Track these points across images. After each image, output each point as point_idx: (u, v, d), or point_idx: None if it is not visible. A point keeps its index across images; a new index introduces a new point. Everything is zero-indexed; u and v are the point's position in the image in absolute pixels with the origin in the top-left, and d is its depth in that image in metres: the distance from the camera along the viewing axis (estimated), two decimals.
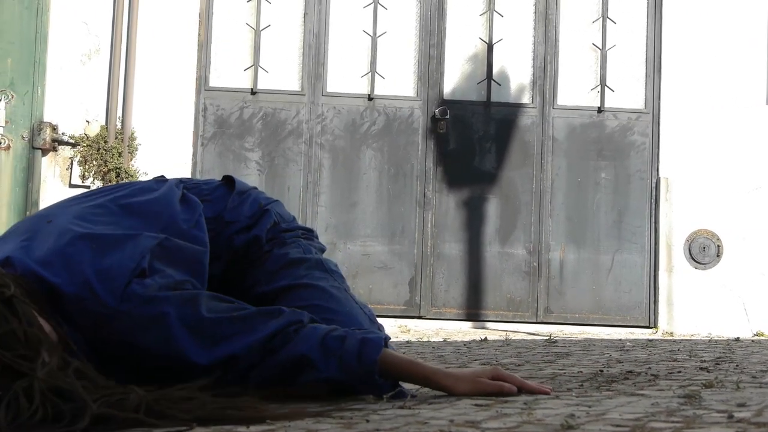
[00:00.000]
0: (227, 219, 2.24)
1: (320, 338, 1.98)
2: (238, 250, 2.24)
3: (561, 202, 6.69)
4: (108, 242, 1.94)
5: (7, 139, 6.27)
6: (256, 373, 1.97)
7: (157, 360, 1.94)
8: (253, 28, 6.65)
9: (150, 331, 1.90)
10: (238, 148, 6.59)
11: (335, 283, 2.25)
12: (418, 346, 4.20)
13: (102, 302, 1.87)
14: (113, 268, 1.89)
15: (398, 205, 6.62)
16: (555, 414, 1.76)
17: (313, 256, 2.28)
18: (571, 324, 6.57)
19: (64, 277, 1.87)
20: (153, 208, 2.10)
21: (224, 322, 1.95)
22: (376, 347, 1.97)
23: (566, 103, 6.77)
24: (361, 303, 2.28)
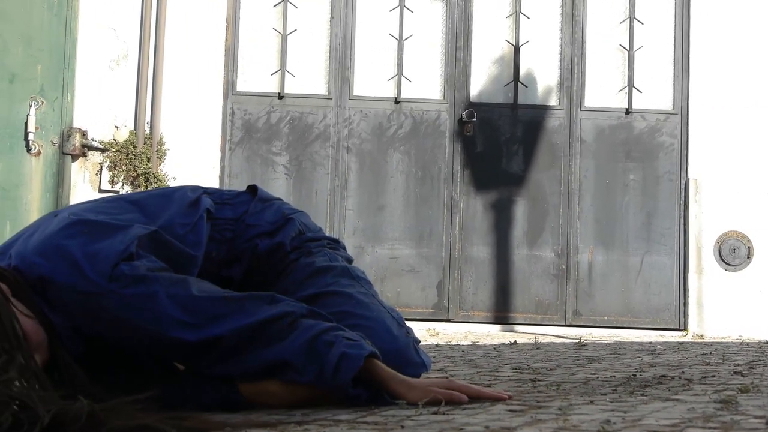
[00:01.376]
0: (248, 222, 2.26)
1: (310, 340, 1.98)
2: (261, 255, 2.25)
3: (589, 204, 6.67)
4: (99, 228, 1.98)
5: (37, 144, 6.32)
6: (238, 365, 1.99)
7: (145, 340, 1.96)
8: (280, 33, 6.67)
9: (138, 309, 1.92)
10: (266, 153, 6.61)
11: (362, 289, 2.26)
12: (448, 350, 4.19)
13: (91, 281, 1.89)
14: (102, 250, 1.92)
15: (426, 208, 6.61)
16: (590, 420, 1.76)
17: (339, 264, 2.30)
18: (600, 327, 6.54)
19: (54, 262, 1.91)
20: (154, 208, 2.14)
21: (215, 301, 1.97)
22: (353, 366, 1.96)
23: (594, 104, 6.74)
24: (389, 307, 2.29)
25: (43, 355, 1.85)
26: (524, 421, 1.75)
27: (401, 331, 2.21)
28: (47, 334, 1.87)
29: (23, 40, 6.37)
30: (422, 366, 2.22)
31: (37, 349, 1.82)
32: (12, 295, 1.85)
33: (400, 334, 2.20)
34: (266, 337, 1.99)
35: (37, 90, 6.35)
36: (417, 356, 2.21)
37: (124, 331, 1.95)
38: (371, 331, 2.12)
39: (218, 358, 1.98)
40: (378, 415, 1.90)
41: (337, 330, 2.01)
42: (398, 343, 2.16)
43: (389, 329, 2.17)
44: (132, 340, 1.98)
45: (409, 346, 2.19)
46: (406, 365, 2.14)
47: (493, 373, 2.90)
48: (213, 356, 1.98)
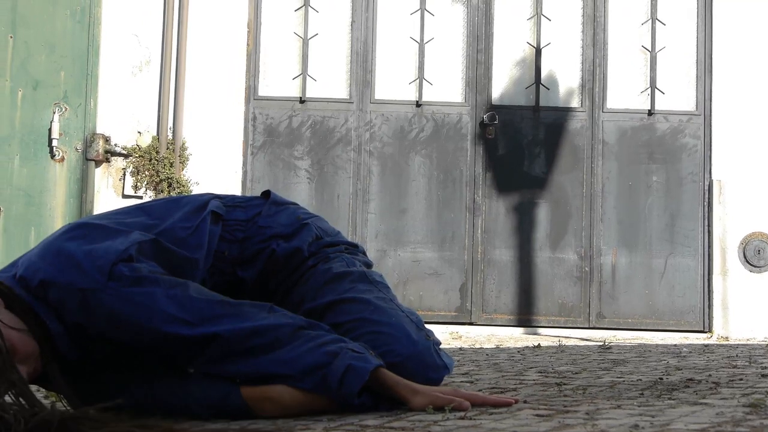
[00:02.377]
0: (260, 224, 2.28)
1: (312, 348, 2.00)
2: (279, 259, 2.26)
3: (612, 206, 6.64)
4: (99, 231, 2.03)
5: (61, 151, 6.36)
6: (238, 366, 2.01)
7: (144, 337, 1.99)
8: (301, 37, 6.68)
9: (136, 305, 1.95)
10: (288, 157, 6.62)
11: (380, 294, 2.26)
12: (472, 353, 4.18)
13: (89, 277, 1.93)
14: (101, 249, 1.97)
15: (448, 211, 6.61)
16: (619, 424, 1.75)
17: (356, 269, 2.29)
18: (624, 329, 6.51)
19: (54, 263, 1.96)
20: (160, 212, 2.19)
21: (213, 303, 2.01)
22: (359, 379, 1.98)
23: (616, 106, 6.72)
24: (408, 311, 2.28)
25: (30, 367, 1.89)
26: (552, 426, 1.74)
27: (420, 334, 2.21)
28: (40, 345, 1.91)
29: (47, 47, 6.41)
30: (444, 368, 2.22)
31: (24, 360, 1.86)
32: (5, 307, 1.90)
33: (420, 338, 2.19)
34: (266, 342, 2.01)
35: (61, 96, 6.39)
36: (438, 359, 2.20)
37: (123, 329, 1.98)
38: (390, 337, 2.13)
39: (217, 357, 2.00)
40: (405, 420, 1.90)
41: (340, 342, 2.03)
42: (418, 347, 2.16)
43: (408, 334, 2.17)
44: (132, 338, 2.00)
45: (430, 350, 2.19)
46: (427, 369, 2.15)
47: (518, 376, 2.89)
48: (211, 355, 2.00)
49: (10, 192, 6.34)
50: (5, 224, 6.32)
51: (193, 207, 2.21)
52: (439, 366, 2.19)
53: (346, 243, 2.39)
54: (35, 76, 6.40)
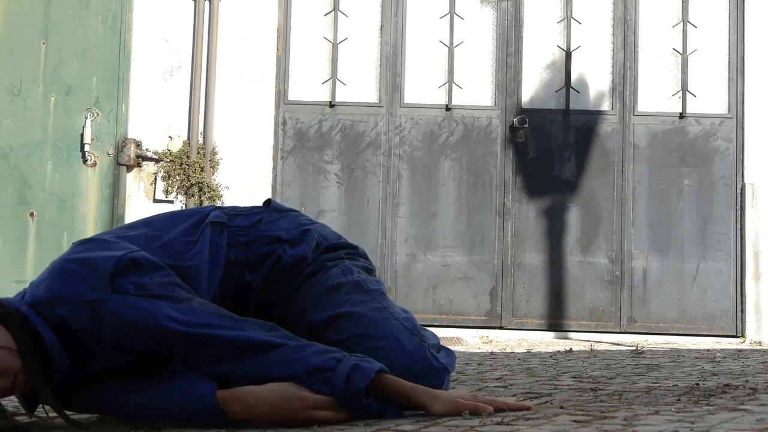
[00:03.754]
0: (263, 228, 2.33)
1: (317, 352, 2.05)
2: (285, 267, 2.30)
3: (643, 210, 6.60)
4: (101, 245, 2.13)
5: (93, 156, 6.41)
6: (238, 369, 2.05)
7: (149, 339, 2.05)
8: (331, 42, 6.70)
9: (142, 312, 2.02)
10: (318, 161, 6.63)
11: (375, 304, 2.27)
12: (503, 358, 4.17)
13: (94, 288, 2.02)
14: (100, 258, 2.06)
15: (478, 215, 6.60)
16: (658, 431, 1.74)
17: (351, 279, 2.32)
18: (655, 334, 6.47)
19: (60, 281, 2.05)
20: (162, 224, 2.28)
21: (214, 315, 2.08)
22: (365, 375, 2.01)
23: (647, 109, 6.68)
24: (403, 317, 2.28)
25: (5, 381, 1.99)
26: None
27: (414, 341, 2.20)
28: (26, 361, 2.01)
29: (79, 53, 6.46)
30: (444, 370, 2.22)
31: (1, 375, 1.98)
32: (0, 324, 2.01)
33: (414, 346, 2.19)
34: (268, 348, 2.05)
35: (93, 102, 6.44)
36: (436, 362, 2.21)
37: (131, 334, 2.05)
38: (386, 351, 2.15)
39: (218, 358, 2.05)
40: (442, 426, 1.90)
41: (342, 351, 2.07)
42: (414, 358, 2.17)
43: (402, 346, 2.18)
44: (140, 342, 2.07)
45: (425, 356, 2.19)
46: (427, 376, 2.16)
47: (553, 381, 2.88)
48: (211, 356, 2.05)
49: (43, 197, 6.40)
50: (38, 229, 6.37)
51: (194, 220, 2.28)
52: (438, 369, 2.19)
53: (347, 246, 2.43)
54: (68, 82, 6.45)
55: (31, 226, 6.38)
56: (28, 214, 6.39)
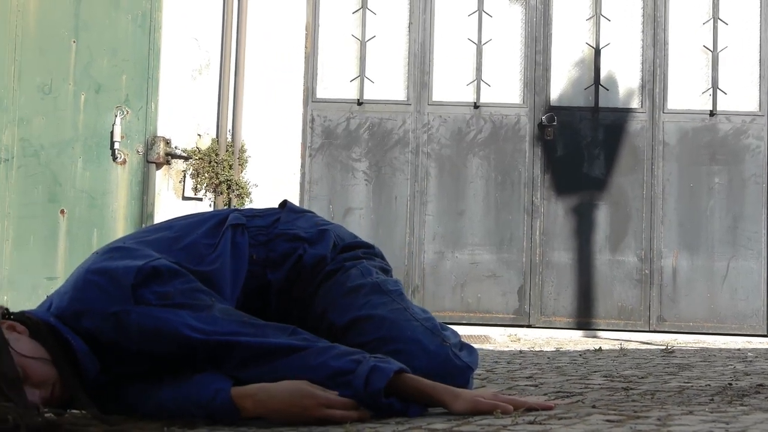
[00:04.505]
0: (280, 227, 2.36)
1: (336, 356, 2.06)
2: (306, 267, 2.32)
3: (673, 208, 6.56)
4: (124, 253, 2.15)
5: (123, 153, 6.45)
6: (259, 372, 2.07)
7: (174, 347, 2.08)
8: (359, 39, 6.70)
9: (165, 322, 2.06)
10: (346, 159, 6.64)
11: (394, 305, 2.28)
12: (533, 356, 4.16)
13: (117, 300, 2.05)
14: (121, 269, 2.08)
15: (506, 213, 6.58)
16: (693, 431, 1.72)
17: (370, 280, 2.33)
18: (685, 333, 6.43)
19: (85, 293, 2.08)
20: (182, 228, 2.31)
21: (235, 322, 2.10)
22: (383, 376, 2.02)
23: (677, 106, 6.64)
24: (423, 318, 2.29)
25: (47, 391, 2.02)
26: None
27: (436, 341, 2.22)
28: (61, 370, 2.04)
29: (109, 51, 6.50)
30: (467, 369, 2.23)
31: (39, 386, 2.01)
32: (30, 336, 2.05)
33: (436, 347, 2.20)
34: (289, 352, 2.07)
35: (123, 100, 6.48)
36: (459, 360, 2.22)
37: (157, 342, 2.08)
38: (408, 354, 2.16)
39: (241, 363, 2.07)
40: (474, 425, 1.89)
41: (362, 352, 2.08)
42: (437, 359, 2.19)
43: (425, 348, 2.19)
44: (167, 350, 2.10)
45: (448, 356, 2.20)
46: (450, 376, 2.17)
47: (583, 380, 2.86)
48: (235, 361, 2.08)
49: (74, 194, 6.44)
50: (69, 226, 6.42)
51: (214, 222, 2.31)
52: (461, 368, 2.21)
53: (363, 245, 2.45)
54: (98, 80, 6.49)
55: (62, 223, 6.43)
56: (59, 211, 6.44)
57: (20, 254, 6.42)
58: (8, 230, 6.44)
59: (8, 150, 6.48)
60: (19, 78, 6.50)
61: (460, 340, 2.29)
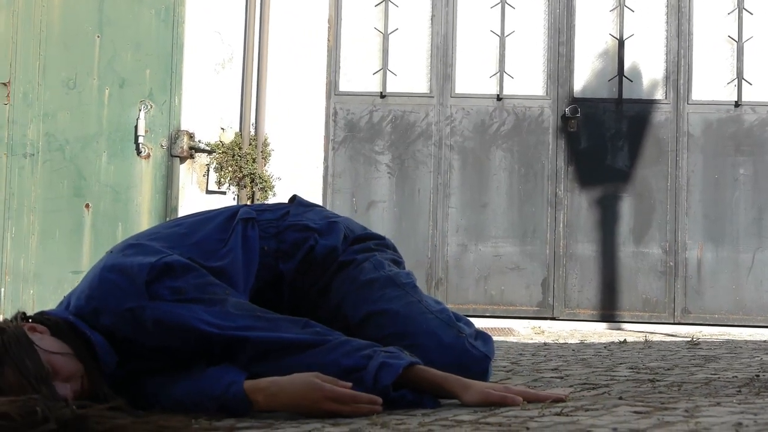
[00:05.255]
0: (290, 219, 2.40)
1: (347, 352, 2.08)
2: (317, 257, 2.35)
3: (698, 200, 6.52)
4: (137, 249, 2.19)
5: (147, 147, 6.48)
6: (272, 367, 2.09)
7: (190, 341, 2.11)
8: (381, 32, 6.69)
9: (179, 317, 2.09)
10: (369, 152, 6.64)
11: (409, 299, 2.32)
12: (557, 349, 4.15)
13: (132, 296, 2.09)
14: (134, 266, 2.12)
15: (529, 206, 6.56)
16: (721, 422, 1.72)
17: (383, 273, 2.36)
18: (710, 325, 6.40)
19: (101, 291, 2.13)
20: (192, 223, 2.35)
21: (248, 317, 2.12)
22: (392, 373, 2.04)
23: (701, 97, 6.60)
24: (437, 310, 2.32)
25: (76, 384, 2.06)
26: (652, 423, 1.72)
27: (451, 333, 2.25)
28: (85, 364, 2.08)
29: (132, 46, 6.53)
30: (485, 358, 2.26)
31: (68, 380, 2.04)
32: (51, 334, 2.08)
33: (452, 339, 2.24)
34: (301, 348, 2.10)
35: (146, 94, 6.51)
36: (476, 350, 2.25)
37: (173, 337, 2.11)
38: (424, 348, 2.19)
39: (255, 358, 2.10)
40: (500, 416, 1.90)
41: (373, 346, 2.10)
42: (453, 351, 2.22)
43: (441, 341, 2.23)
44: (183, 344, 2.13)
45: (464, 348, 2.23)
46: (468, 367, 2.20)
47: (609, 372, 2.86)
48: (249, 357, 2.10)
49: (98, 188, 6.48)
50: (93, 220, 6.46)
51: (224, 217, 2.35)
52: (478, 358, 2.24)
53: (374, 237, 2.49)
54: (121, 75, 6.52)
55: (87, 217, 6.47)
56: (84, 205, 6.48)
57: (46, 248, 6.47)
58: (34, 224, 6.49)
59: (34, 145, 6.52)
60: (43, 73, 6.54)
61: (476, 330, 2.31)
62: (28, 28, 6.56)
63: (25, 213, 6.49)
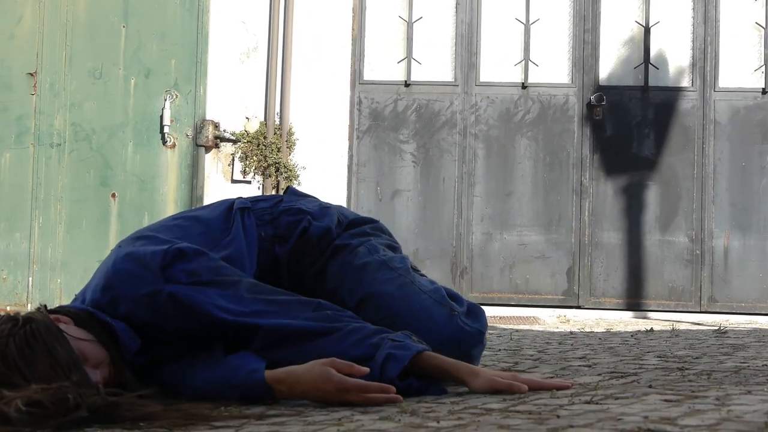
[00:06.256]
0: (283, 205, 2.47)
1: (355, 342, 2.11)
2: (311, 238, 2.42)
3: (724, 188, 6.48)
4: (147, 241, 2.26)
5: (172, 137, 6.50)
6: (283, 354, 2.12)
7: (208, 325, 2.15)
8: (406, 21, 6.68)
9: (194, 300, 2.12)
10: (393, 141, 6.64)
11: (401, 281, 2.36)
12: (584, 337, 4.14)
13: (149, 282, 2.13)
14: (148, 253, 2.17)
15: (554, 194, 6.54)
16: (753, 411, 1.71)
17: (377, 258, 2.41)
18: (737, 313, 6.36)
19: (118, 280, 2.16)
20: (195, 215, 2.44)
21: (261, 301, 2.16)
22: (397, 365, 2.07)
23: (728, 85, 6.55)
24: (430, 290, 2.36)
25: (105, 371, 2.08)
26: (683, 412, 1.72)
27: (444, 312, 2.30)
28: (109, 351, 2.10)
29: (158, 36, 6.55)
30: (478, 333, 2.31)
31: (97, 366, 2.06)
32: (75, 324, 2.10)
33: (445, 318, 2.29)
34: (311, 337, 2.13)
35: (172, 84, 6.53)
36: (468, 326, 2.30)
37: (190, 320, 2.15)
38: (419, 328, 2.23)
39: (266, 345, 2.14)
40: (530, 404, 1.90)
41: (382, 333, 2.14)
42: (447, 330, 2.27)
43: (434, 320, 2.28)
44: (200, 328, 2.16)
45: (457, 325, 2.29)
46: (461, 344, 2.27)
47: (637, 361, 2.85)
48: (260, 343, 2.14)
49: (124, 178, 6.52)
50: (120, 209, 6.50)
51: (222, 209, 2.43)
52: (471, 334, 2.30)
53: (369, 221, 2.55)
54: (147, 65, 6.55)
55: (113, 206, 6.51)
56: (110, 195, 6.52)
57: (73, 238, 6.51)
58: (61, 214, 6.53)
59: (60, 134, 6.57)
60: (70, 63, 6.58)
61: (468, 306, 2.36)
62: (54, 18, 6.59)
63: (52, 203, 6.54)
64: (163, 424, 1.85)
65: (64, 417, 1.81)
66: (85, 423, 1.82)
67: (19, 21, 6.62)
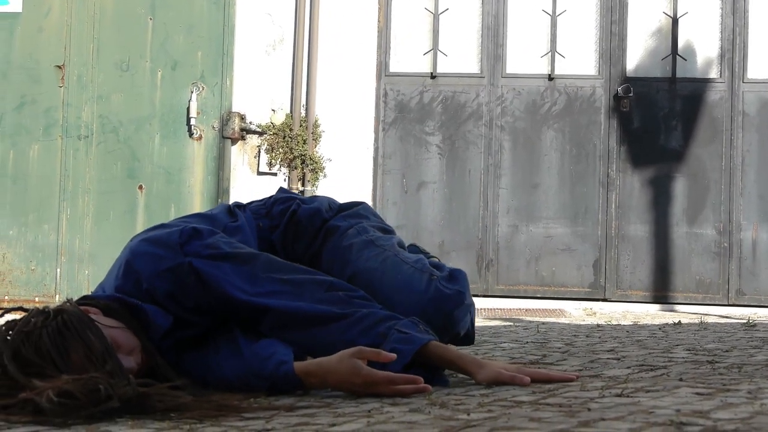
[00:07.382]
0: (274, 197, 2.61)
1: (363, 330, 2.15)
2: (301, 220, 2.52)
3: (753, 180, 6.43)
4: (160, 227, 2.33)
5: (199, 129, 6.53)
6: (293, 337, 2.18)
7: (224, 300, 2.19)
8: (432, 12, 6.67)
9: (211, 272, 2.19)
10: (419, 132, 6.63)
11: (385, 255, 2.43)
12: (611, 330, 4.12)
13: (166, 257, 2.19)
14: (164, 234, 2.24)
15: (581, 186, 6.51)
16: None
17: (364, 237, 2.48)
18: (765, 306, 6.31)
19: (140, 262, 2.21)
20: (202, 215, 2.52)
21: (275, 280, 2.22)
22: (401, 361, 2.09)
23: (757, 76, 6.49)
24: (413, 260, 2.42)
25: (138, 357, 2.12)
26: (716, 405, 1.71)
27: (424, 278, 2.35)
28: (140, 338, 2.14)
29: (184, 28, 6.57)
30: (457, 294, 2.34)
31: (130, 353, 2.10)
32: (103, 314, 2.12)
33: (424, 284, 2.33)
34: (320, 322, 2.17)
35: (198, 76, 6.55)
36: (447, 289, 2.34)
37: (211, 293, 2.19)
38: (400, 298, 2.29)
39: (277, 326, 2.19)
40: (560, 397, 1.89)
41: (391, 320, 2.17)
42: (426, 295, 2.31)
43: (413, 286, 2.33)
44: (218, 303, 2.21)
45: (437, 288, 2.33)
46: (442, 306, 2.31)
47: (666, 354, 2.83)
48: (271, 324, 2.19)
49: (151, 170, 6.55)
50: (147, 201, 6.53)
51: (223, 208, 2.55)
52: (450, 296, 2.33)
53: (359, 204, 2.64)
54: (174, 57, 6.57)
55: (140, 198, 6.54)
56: (137, 187, 6.55)
57: (100, 229, 6.55)
58: (89, 206, 6.57)
59: (88, 127, 6.60)
60: (97, 55, 6.62)
61: (450, 272, 2.40)
62: (82, 11, 6.63)
63: (80, 194, 6.58)
64: (194, 415, 1.86)
65: (96, 407, 1.82)
66: (116, 413, 1.84)
67: (47, 14, 6.66)
